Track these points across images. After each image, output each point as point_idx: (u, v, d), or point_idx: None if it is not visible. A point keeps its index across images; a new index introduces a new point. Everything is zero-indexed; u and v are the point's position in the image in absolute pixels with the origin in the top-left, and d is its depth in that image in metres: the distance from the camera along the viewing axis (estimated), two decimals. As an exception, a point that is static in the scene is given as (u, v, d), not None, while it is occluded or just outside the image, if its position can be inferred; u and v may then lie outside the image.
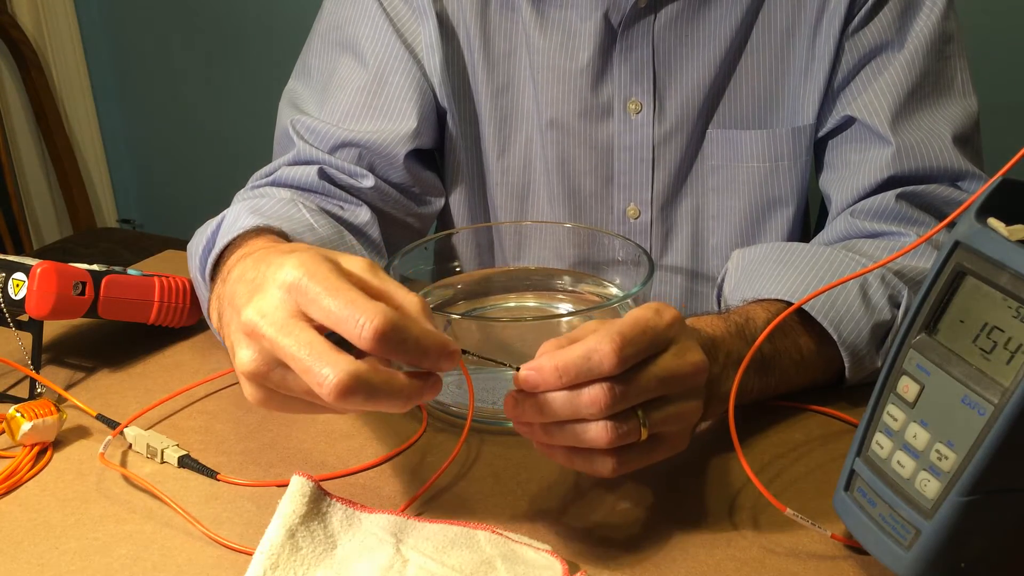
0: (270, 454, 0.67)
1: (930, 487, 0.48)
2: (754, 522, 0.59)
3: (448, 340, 0.50)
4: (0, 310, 0.75)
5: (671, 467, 0.62)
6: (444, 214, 0.97)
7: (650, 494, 0.62)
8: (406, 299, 0.51)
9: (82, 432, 0.70)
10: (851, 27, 0.84)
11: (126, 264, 0.85)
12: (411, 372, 0.50)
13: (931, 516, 0.48)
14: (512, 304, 0.84)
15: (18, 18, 2.27)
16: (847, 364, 0.70)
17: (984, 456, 0.45)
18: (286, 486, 0.57)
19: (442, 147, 0.94)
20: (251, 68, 2.29)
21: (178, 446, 0.67)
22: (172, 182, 2.56)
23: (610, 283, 0.82)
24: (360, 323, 0.46)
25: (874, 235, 0.81)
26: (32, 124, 2.33)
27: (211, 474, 0.64)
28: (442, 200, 0.95)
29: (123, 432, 0.68)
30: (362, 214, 0.85)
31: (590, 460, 0.55)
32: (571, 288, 0.84)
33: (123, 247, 1.25)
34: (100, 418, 0.70)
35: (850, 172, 0.85)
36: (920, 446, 0.49)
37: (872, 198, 0.82)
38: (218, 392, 0.76)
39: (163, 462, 0.66)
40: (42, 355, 0.77)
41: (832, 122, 0.87)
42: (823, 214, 0.93)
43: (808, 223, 0.99)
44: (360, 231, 0.85)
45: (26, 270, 0.74)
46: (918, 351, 0.51)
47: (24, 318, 0.75)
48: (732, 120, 0.89)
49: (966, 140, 0.84)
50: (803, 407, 0.72)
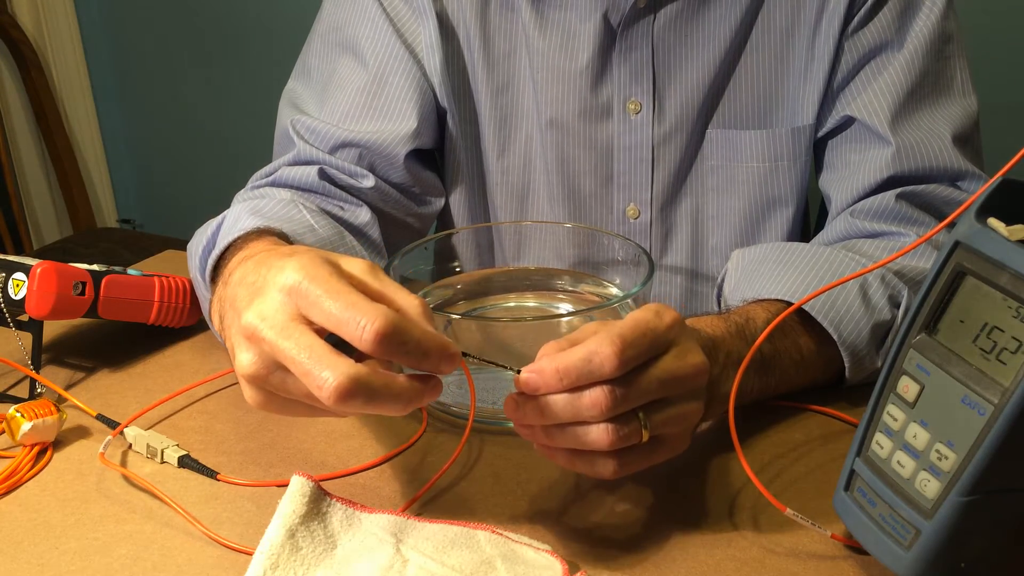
0: (270, 454, 0.67)
1: (930, 487, 0.48)
2: (754, 522, 0.59)
3: (449, 342, 0.50)
4: (0, 310, 0.75)
5: (671, 467, 0.62)
6: (444, 214, 0.97)
7: (650, 494, 0.62)
8: (406, 301, 0.51)
9: (82, 432, 0.70)
10: (850, 27, 0.84)
11: (126, 264, 0.85)
12: (411, 375, 0.50)
13: (931, 516, 0.48)
14: (512, 304, 0.84)
15: (18, 18, 2.27)
16: (847, 364, 0.70)
17: (984, 456, 0.46)
18: (286, 486, 0.57)
19: (442, 147, 0.94)
20: (251, 68, 2.29)
21: (178, 446, 0.67)
22: (172, 182, 2.56)
23: (610, 283, 0.82)
24: (361, 325, 0.46)
25: (874, 235, 0.81)
26: (32, 124, 2.33)
27: (211, 474, 0.64)
28: (442, 200, 0.95)
29: (123, 432, 0.68)
30: (362, 214, 0.85)
31: (591, 462, 0.55)
32: (571, 288, 0.84)
33: (123, 247, 1.25)
34: (100, 418, 0.71)
35: (850, 172, 0.85)
36: (920, 446, 0.49)
37: (872, 198, 0.82)
38: (218, 392, 0.76)
39: (163, 462, 0.66)
40: (42, 355, 0.77)
41: (832, 122, 0.87)
42: (823, 214, 0.93)
43: (808, 223, 0.99)
44: (360, 231, 0.85)
45: (26, 270, 0.74)
46: (918, 351, 0.51)
47: (24, 318, 0.75)
48: (732, 120, 0.89)
49: (966, 140, 0.84)
50: (803, 407, 0.72)
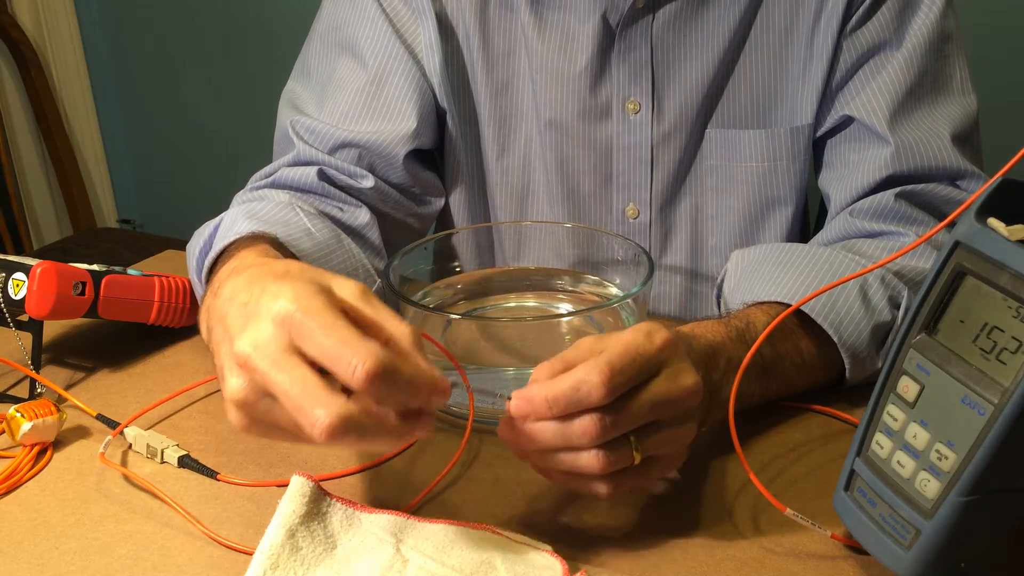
0: (270, 454, 0.67)
1: (930, 487, 0.48)
2: (754, 522, 0.59)
3: (439, 377, 0.50)
4: (0, 310, 0.75)
5: (671, 467, 0.62)
6: (444, 214, 0.97)
7: (650, 494, 0.62)
8: (398, 330, 0.51)
9: (82, 432, 0.70)
10: (849, 26, 0.84)
11: (126, 264, 0.85)
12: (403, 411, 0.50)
13: (931, 516, 0.48)
14: (512, 304, 0.84)
15: (18, 18, 2.27)
16: (848, 366, 0.70)
17: (984, 456, 0.46)
18: (286, 486, 0.57)
19: (442, 147, 0.94)
20: (251, 68, 2.29)
21: (178, 446, 0.67)
22: (172, 182, 2.56)
23: (610, 283, 0.82)
24: (352, 364, 0.47)
25: (873, 235, 0.81)
26: (32, 124, 2.33)
27: (211, 474, 0.64)
28: (442, 200, 0.95)
29: (123, 432, 0.68)
30: (361, 215, 0.85)
31: (585, 483, 0.56)
32: (571, 288, 0.84)
33: (123, 247, 1.25)
34: (100, 418, 0.71)
35: (849, 171, 0.85)
36: (920, 446, 0.49)
37: (871, 197, 0.82)
38: (218, 392, 0.75)
39: (163, 462, 0.66)
40: (42, 355, 0.77)
41: (831, 121, 0.87)
42: (822, 214, 0.93)
43: (807, 223, 0.99)
44: (359, 233, 0.85)
45: (26, 270, 0.74)
46: (918, 351, 0.51)
47: (24, 318, 0.75)
48: (731, 120, 0.89)
49: (965, 139, 0.84)
50: (804, 407, 0.72)
